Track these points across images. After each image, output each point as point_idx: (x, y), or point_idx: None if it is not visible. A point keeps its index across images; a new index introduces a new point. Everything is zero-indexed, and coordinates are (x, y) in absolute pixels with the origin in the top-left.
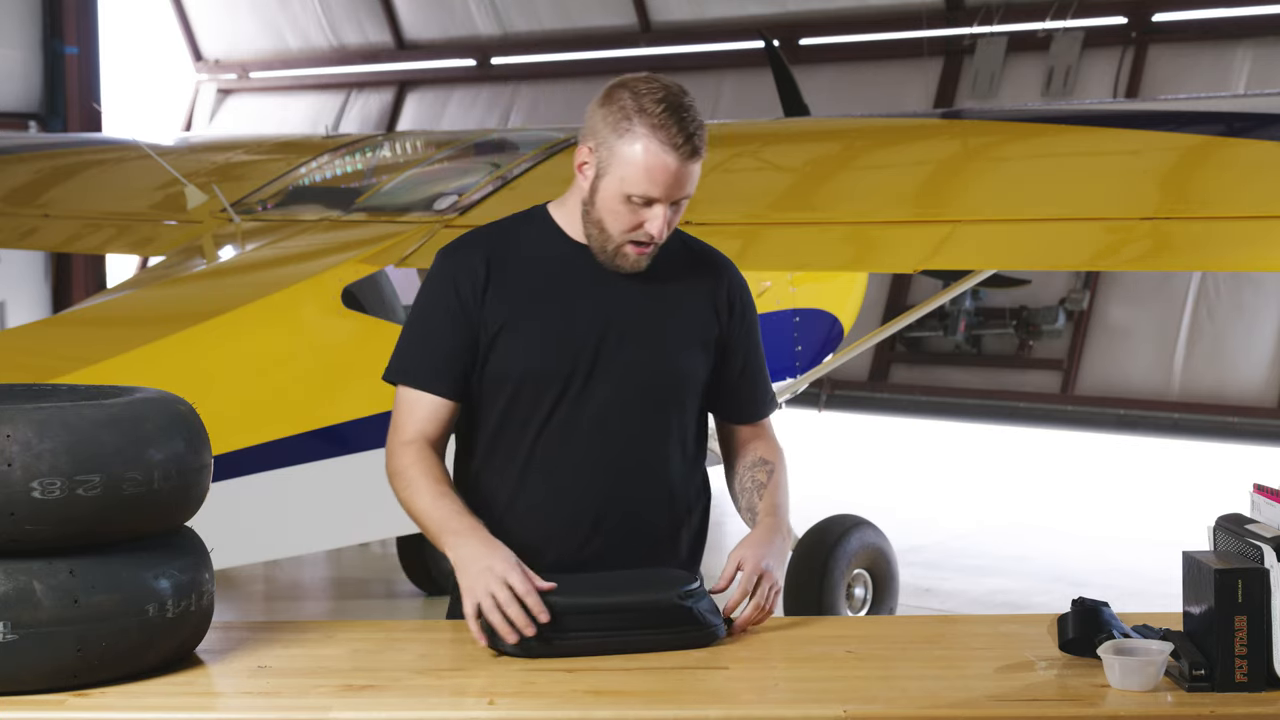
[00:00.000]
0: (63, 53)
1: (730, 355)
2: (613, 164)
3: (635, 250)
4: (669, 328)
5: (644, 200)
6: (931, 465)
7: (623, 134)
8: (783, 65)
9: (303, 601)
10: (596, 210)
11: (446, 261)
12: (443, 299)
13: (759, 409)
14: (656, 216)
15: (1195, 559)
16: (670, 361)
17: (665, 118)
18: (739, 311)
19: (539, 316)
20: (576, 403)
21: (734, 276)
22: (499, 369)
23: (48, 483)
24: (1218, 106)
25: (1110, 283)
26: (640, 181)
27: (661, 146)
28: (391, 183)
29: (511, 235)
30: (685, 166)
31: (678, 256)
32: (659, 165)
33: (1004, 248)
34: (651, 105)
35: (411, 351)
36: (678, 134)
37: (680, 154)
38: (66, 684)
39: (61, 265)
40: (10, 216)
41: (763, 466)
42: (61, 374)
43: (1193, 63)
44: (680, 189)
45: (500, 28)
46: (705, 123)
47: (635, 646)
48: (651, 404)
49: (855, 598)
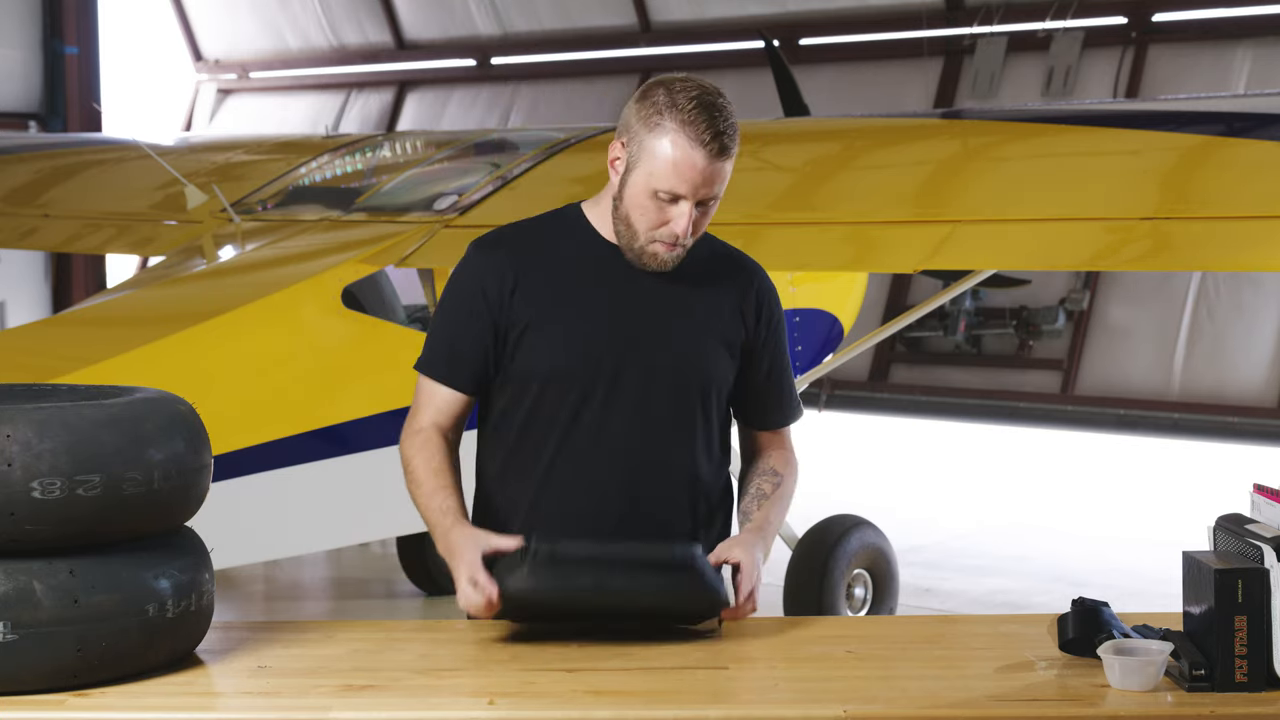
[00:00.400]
0: (63, 53)
1: (756, 360)
2: (642, 158)
3: (663, 249)
4: (696, 331)
5: (670, 197)
6: (931, 465)
7: (653, 128)
8: (783, 65)
9: (303, 601)
10: (624, 206)
11: (477, 257)
12: (469, 297)
13: (783, 416)
14: (682, 214)
15: (1195, 559)
16: (697, 365)
17: (695, 114)
18: (766, 317)
19: (565, 317)
20: (602, 404)
21: (763, 282)
22: (524, 368)
23: (48, 483)
24: (1218, 106)
25: (1110, 283)
26: (667, 176)
27: (690, 142)
28: (391, 183)
29: (543, 234)
30: (713, 164)
31: (706, 260)
32: (686, 161)
33: (1004, 248)
34: (684, 101)
35: (434, 343)
36: (706, 130)
37: (708, 151)
38: (66, 684)
39: (61, 265)
40: (10, 216)
41: (771, 478)
42: (61, 374)
43: (1193, 63)
44: (708, 187)
45: (500, 28)
46: (738, 124)
47: (637, 589)
48: (677, 407)
49: (855, 598)
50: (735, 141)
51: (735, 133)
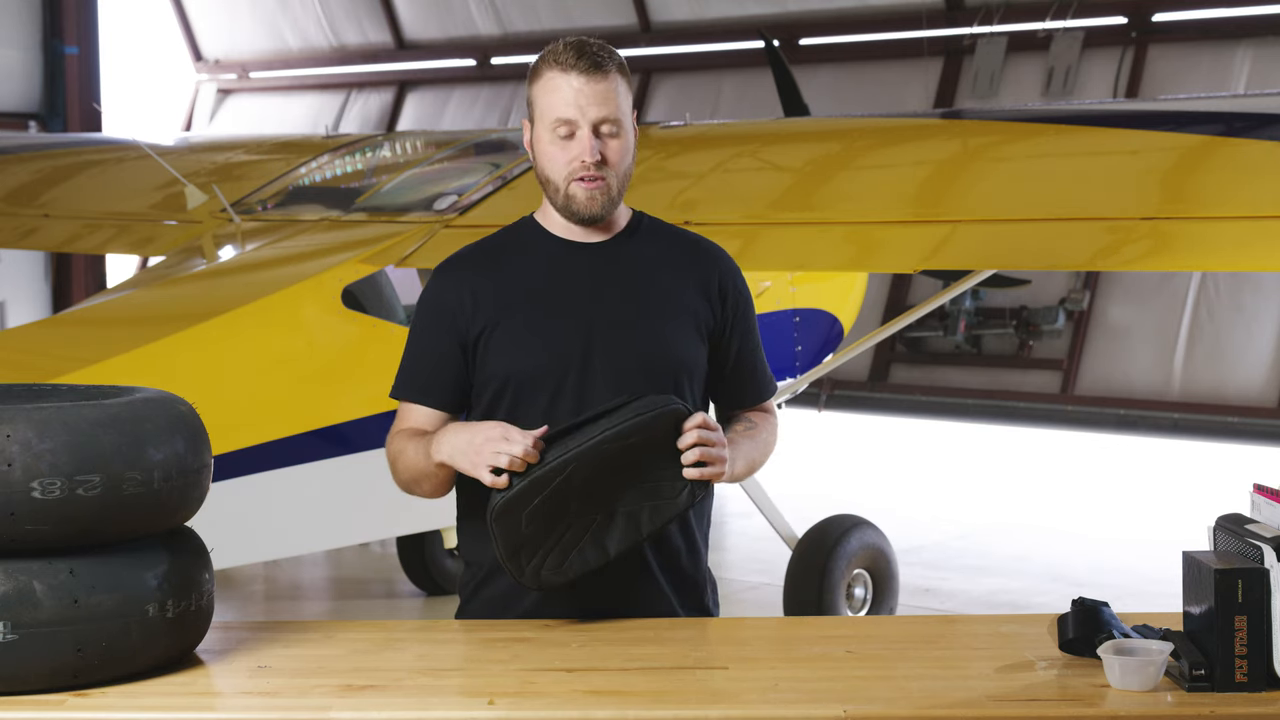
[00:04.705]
0: (63, 53)
1: (727, 343)
2: (535, 111)
3: (582, 187)
4: (664, 317)
5: (566, 129)
6: (931, 465)
7: (534, 80)
8: (783, 65)
9: (303, 601)
10: (539, 163)
11: (437, 279)
12: (431, 314)
13: (758, 394)
14: (583, 140)
15: (1195, 559)
16: (668, 350)
17: (563, 50)
18: (733, 299)
19: (525, 317)
20: (576, 395)
21: (727, 264)
22: (494, 370)
23: (48, 483)
24: (1218, 106)
25: (1110, 283)
26: (554, 108)
27: (562, 71)
28: (391, 183)
29: (498, 243)
30: (589, 83)
31: (669, 247)
32: (564, 86)
33: (1004, 248)
34: (555, 47)
35: (406, 368)
36: (572, 54)
37: (578, 69)
38: (66, 684)
39: (61, 265)
40: (10, 216)
41: (744, 421)
42: (61, 374)
43: (1193, 63)
44: (596, 109)
45: (500, 28)
46: (619, 58)
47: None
48: (650, 393)
49: (855, 598)
50: (609, 63)
51: (609, 57)
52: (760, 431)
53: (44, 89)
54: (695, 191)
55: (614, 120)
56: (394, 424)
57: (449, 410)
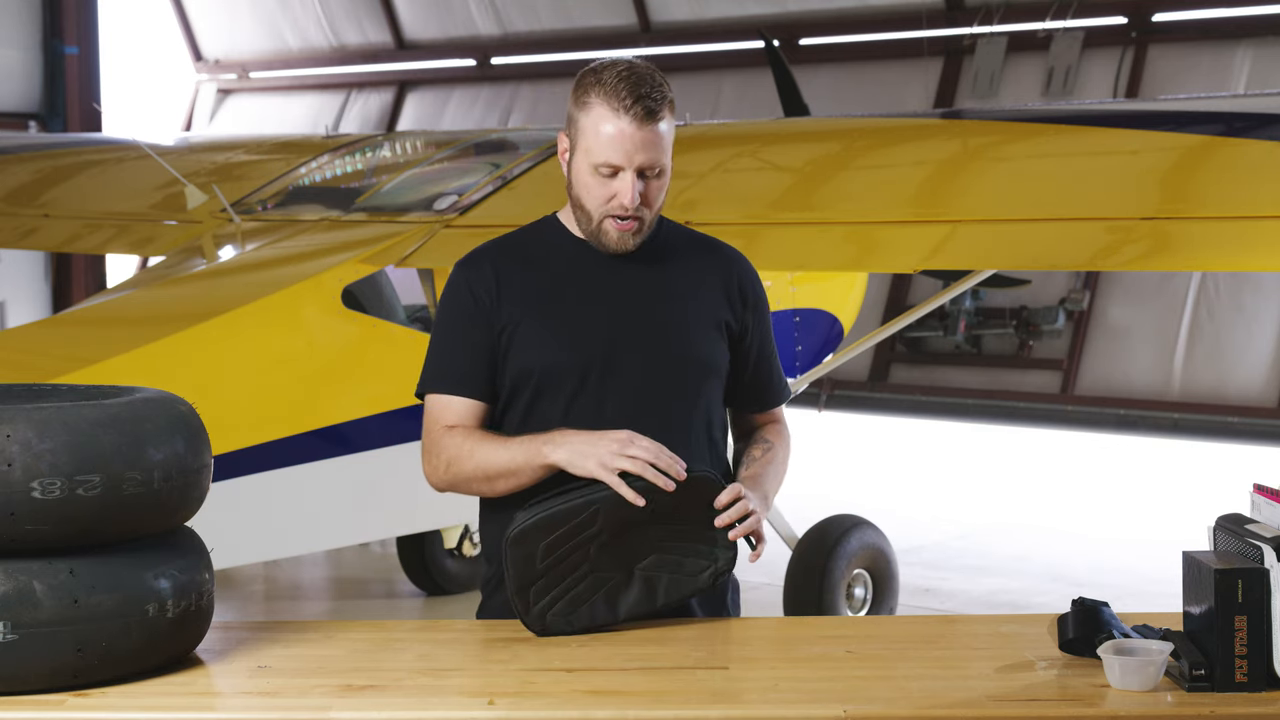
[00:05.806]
0: (63, 53)
1: (744, 345)
2: (579, 139)
3: (616, 226)
4: (685, 317)
5: (610, 170)
6: (931, 465)
7: (583, 108)
8: (783, 65)
9: (303, 601)
10: (575, 190)
11: (459, 272)
12: (460, 306)
13: (772, 397)
14: (625, 185)
15: (1195, 559)
16: (689, 349)
17: (618, 85)
18: (752, 301)
19: (550, 314)
20: (597, 394)
21: (745, 266)
22: (515, 368)
23: (48, 483)
24: (1218, 106)
25: (1110, 283)
26: (601, 149)
27: (615, 112)
28: (391, 183)
29: (521, 240)
30: (641, 130)
31: (686, 249)
32: (615, 130)
33: (1004, 248)
34: (608, 77)
35: (435, 362)
36: (628, 97)
37: (633, 116)
38: (66, 684)
39: (61, 265)
40: (10, 216)
41: (762, 445)
42: (61, 374)
43: (1193, 63)
44: (644, 155)
45: (500, 28)
46: (669, 95)
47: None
48: (673, 393)
49: (855, 598)
50: (663, 107)
51: (663, 99)
52: (778, 454)
53: (44, 89)
54: (695, 191)
55: (659, 165)
56: (427, 422)
57: (485, 401)
